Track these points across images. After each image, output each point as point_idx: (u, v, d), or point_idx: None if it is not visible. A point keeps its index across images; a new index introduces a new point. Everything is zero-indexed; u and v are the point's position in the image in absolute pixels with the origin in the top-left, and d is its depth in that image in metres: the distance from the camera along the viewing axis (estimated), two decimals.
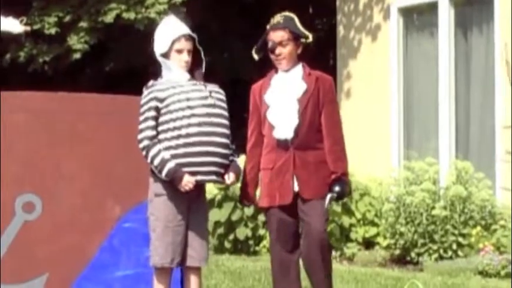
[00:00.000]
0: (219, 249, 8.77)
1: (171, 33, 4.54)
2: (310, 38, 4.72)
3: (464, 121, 8.69)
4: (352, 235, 8.49)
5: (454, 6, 8.76)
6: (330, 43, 11.16)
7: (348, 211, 8.53)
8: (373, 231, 8.46)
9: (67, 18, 10.75)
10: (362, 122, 9.33)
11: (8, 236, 4.71)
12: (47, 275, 4.74)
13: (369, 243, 8.49)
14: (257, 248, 8.70)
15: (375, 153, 9.22)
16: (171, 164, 4.36)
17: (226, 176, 4.50)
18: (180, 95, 4.44)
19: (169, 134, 4.41)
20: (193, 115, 4.40)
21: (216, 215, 8.67)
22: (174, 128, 4.40)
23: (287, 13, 4.79)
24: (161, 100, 4.44)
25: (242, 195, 4.89)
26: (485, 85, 8.53)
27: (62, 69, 11.57)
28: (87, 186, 4.81)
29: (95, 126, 4.89)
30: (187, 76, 4.55)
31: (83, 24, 10.63)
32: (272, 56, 4.73)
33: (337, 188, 4.65)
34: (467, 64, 8.72)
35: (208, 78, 4.69)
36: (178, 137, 4.39)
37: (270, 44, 4.70)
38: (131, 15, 10.27)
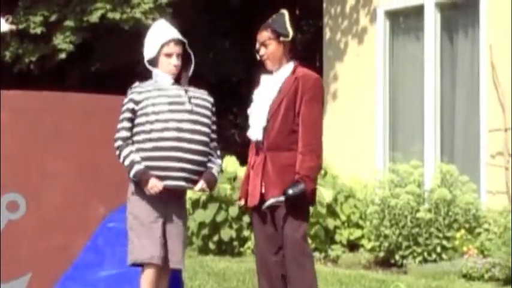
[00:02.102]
0: (204, 250, 8.76)
1: (160, 38, 4.55)
2: (290, 37, 4.59)
3: (449, 124, 8.72)
4: (337, 237, 8.50)
5: (440, 9, 8.79)
6: (316, 45, 11.18)
7: (332, 213, 8.54)
8: (357, 233, 8.48)
9: (52, 18, 10.71)
10: (348, 124, 9.35)
11: None
12: (31, 274, 4.72)
13: (353, 246, 8.50)
14: (241, 249, 8.69)
15: (360, 155, 9.24)
16: (139, 166, 4.39)
17: (198, 184, 4.47)
18: (157, 98, 4.45)
19: (142, 137, 4.43)
20: (167, 120, 4.40)
21: (200, 216, 8.67)
22: (147, 131, 4.41)
23: (281, 10, 4.69)
24: (137, 102, 4.46)
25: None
26: (471, 88, 8.56)
27: (48, 69, 11.53)
28: (71, 186, 4.79)
29: (80, 126, 4.87)
30: (171, 80, 4.55)
31: (69, 23, 10.59)
32: (258, 57, 4.71)
33: (289, 191, 4.43)
34: (452, 67, 8.75)
35: (195, 79, 4.68)
36: (150, 140, 4.40)
37: (256, 45, 4.68)
38: (116, 15, 10.24)
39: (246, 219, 8.66)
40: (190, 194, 8.81)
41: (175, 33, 4.61)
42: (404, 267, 7.71)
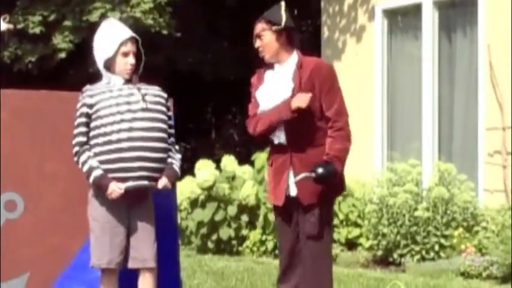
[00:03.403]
0: (202, 249, 8.77)
1: (117, 37, 4.49)
2: (282, 24, 4.43)
3: (447, 123, 8.73)
4: (335, 236, 8.51)
5: (438, 8, 8.80)
6: (314, 44, 11.17)
7: None
8: (355, 232, 8.48)
9: (51, 17, 10.72)
10: None
11: None
12: (28, 274, 4.72)
13: (351, 244, 8.51)
14: (240, 248, 8.70)
15: (358, 154, 9.22)
16: (97, 172, 4.39)
17: (160, 181, 4.45)
18: (109, 100, 4.42)
19: (100, 140, 4.41)
20: (122, 120, 4.37)
21: (199, 215, 8.68)
22: (105, 134, 4.39)
23: (281, 1, 4.56)
24: (90, 106, 4.45)
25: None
26: (469, 87, 8.57)
27: (46, 68, 11.54)
28: (69, 186, 4.80)
29: None
30: (122, 80, 4.51)
31: (68, 23, 10.60)
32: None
33: (319, 170, 4.28)
34: (450, 66, 8.76)
35: (193, 78, 4.67)
36: (109, 142, 4.37)
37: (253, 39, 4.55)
38: (116, 15, 10.24)
39: (244, 218, 8.68)
40: (188, 194, 8.82)
41: (130, 32, 4.55)
42: (402, 265, 7.72)
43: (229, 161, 9.05)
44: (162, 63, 11.82)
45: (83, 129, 4.46)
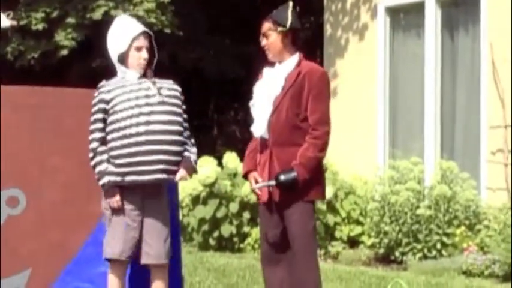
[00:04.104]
0: (204, 246, 8.77)
1: (130, 31, 4.52)
2: (287, 26, 4.52)
3: (449, 121, 8.73)
4: (337, 233, 8.52)
5: (440, 6, 8.79)
6: (317, 42, 11.17)
7: (332, 209, 8.55)
8: (357, 230, 8.49)
9: (54, 14, 10.72)
10: (348, 120, 9.35)
11: None
12: (30, 269, 4.72)
13: (353, 242, 8.51)
14: (242, 245, 8.70)
15: (360, 152, 9.25)
16: (105, 179, 4.42)
17: (178, 173, 4.47)
18: (126, 94, 4.44)
19: (116, 134, 4.42)
20: (140, 114, 4.39)
21: (200, 212, 8.68)
22: (121, 128, 4.40)
23: (288, 2, 4.64)
24: (107, 102, 4.46)
25: None
26: (471, 85, 8.57)
27: (49, 65, 11.54)
28: (71, 182, 4.80)
29: (79, 121, 4.86)
30: (137, 75, 4.54)
31: (70, 20, 10.61)
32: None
33: (281, 177, 4.44)
34: (453, 64, 8.75)
35: (195, 75, 4.68)
36: (126, 136, 4.39)
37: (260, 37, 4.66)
38: (119, 13, 10.24)
39: (246, 215, 8.68)
40: (190, 190, 8.82)
41: (142, 27, 4.59)
42: (404, 263, 7.72)
43: (231, 158, 9.05)
44: (164, 60, 11.83)
45: (99, 125, 4.48)
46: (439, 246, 7.66)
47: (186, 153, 4.52)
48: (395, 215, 7.81)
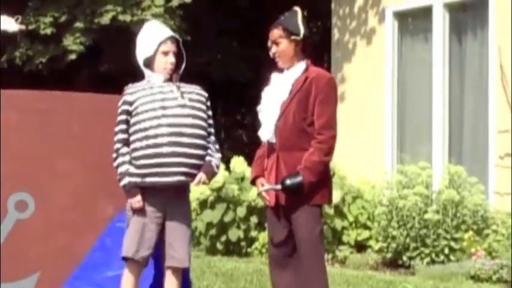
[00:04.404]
0: (211, 251, 8.77)
1: (157, 36, 4.57)
2: (301, 35, 4.58)
3: (457, 125, 8.72)
4: (345, 238, 8.51)
5: (448, 10, 8.79)
6: (324, 46, 11.17)
7: (340, 214, 8.55)
8: (365, 234, 8.48)
9: (63, 19, 10.74)
10: (356, 125, 9.35)
11: (0, 235, 4.71)
12: (39, 274, 4.74)
13: (361, 246, 8.50)
14: (249, 250, 8.70)
15: (368, 156, 9.24)
16: (125, 180, 4.44)
17: (197, 176, 4.49)
18: (149, 96, 4.48)
19: (139, 135, 4.45)
20: (163, 116, 4.43)
21: (208, 216, 8.68)
22: (143, 129, 4.43)
23: (294, 8, 4.68)
24: (130, 103, 4.50)
25: None
26: (479, 89, 8.55)
27: (57, 70, 11.57)
28: (79, 186, 4.81)
29: (88, 126, 4.89)
30: (162, 78, 4.58)
31: (79, 24, 10.63)
32: (271, 54, 4.70)
33: (287, 181, 4.46)
34: (461, 68, 8.74)
35: (203, 79, 4.70)
36: (147, 137, 4.42)
37: (268, 43, 4.67)
38: (127, 18, 10.28)
39: (253, 219, 8.67)
40: (197, 195, 8.83)
41: (170, 31, 4.64)
42: (412, 268, 7.71)
43: (238, 162, 9.06)
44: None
45: (123, 126, 4.51)
46: (446, 251, 7.65)
47: (208, 158, 4.55)
48: (403, 219, 7.80)
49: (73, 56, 10.69)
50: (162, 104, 4.45)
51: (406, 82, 9.22)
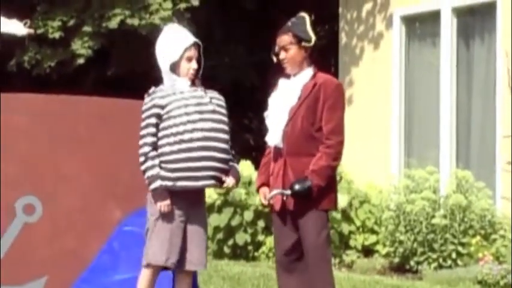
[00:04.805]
0: (218, 255, 8.77)
1: (182, 42, 4.58)
2: (312, 42, 4.62)
3: (465, 130, 8.70)
4: (352, 242, 8.50)
5: (456, 15, 8.78)
6: (332, 50, 11.17)
7: (347, 218, 8.54)
8: (372, 239, 8.47)
9: (71, 23, 10.77)
10: (363, 129, 9.34)
11: (8, 238, 4.72)
12: (46, 277, 4.75)
13: (368, 251, 8.49)
14: (256, 254, 8.70)
15: (375, 160, 9.23)
16: (156, 184, 4.42)
17: (228, 180, 4.51)
18: (181, 101, 4.49)
19: (171, 139, 4.45)
20: (195, 120, 4.44)
21: (215, 220, 8.68)
22: (177, 133, 4.44)
23: (301, 14, 4.70)
24: (162, 107, 4.49)
25: None
26: (487, 94, 8.54)
27: (65, 74, 11.60)
28: (87, 189, 4.82)
29: (96, 129, 4.91)
30: (188, 83, 4.59)
31: (87, 28, 10.65)
32: (275, 59, 4.72)
33: (296, 186, 4.49)
34: (468, 73, 8.73)
35: (209, 83, 4.71)
36: (180, 142, 4.42)
37: (276, 49, 4.69)
38: (135, 21, 10.28)
39: (260, 223, 8.67)
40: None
41: (193, 37, 4.64)
42: (419, 273, 7.69)
43: (245, 166, 9.05)
44: None
45: (152, 129, 4.50)
46: (454, 255, 7.63)
47: (231, 163, 4.58)
48: (411, 224, 7.79)
49: (81, 60, 10.71)
50: (197, 108, 4.46)
51: (413, 87, 9.21)
